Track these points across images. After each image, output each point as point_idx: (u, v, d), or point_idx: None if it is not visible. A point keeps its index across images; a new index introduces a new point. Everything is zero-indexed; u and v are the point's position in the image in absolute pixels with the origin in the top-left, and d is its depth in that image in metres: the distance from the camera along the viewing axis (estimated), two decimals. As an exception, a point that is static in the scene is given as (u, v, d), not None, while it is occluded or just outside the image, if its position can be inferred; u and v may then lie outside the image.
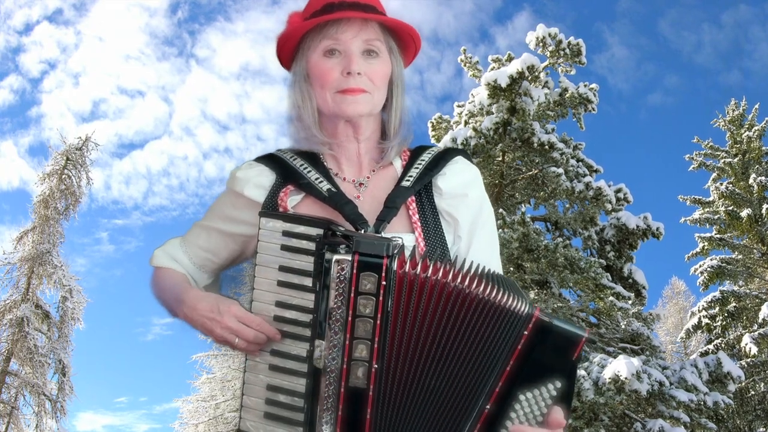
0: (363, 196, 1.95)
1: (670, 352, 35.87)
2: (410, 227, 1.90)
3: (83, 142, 24.86)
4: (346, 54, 1.90)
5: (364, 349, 1.54)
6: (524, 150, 17.38)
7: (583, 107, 18.18)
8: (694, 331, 22.67)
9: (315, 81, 1.93)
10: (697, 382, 14.55)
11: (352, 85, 1.89)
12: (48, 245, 22.86)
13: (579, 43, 17.61)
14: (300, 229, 1.64)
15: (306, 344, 1.62)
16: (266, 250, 1.66)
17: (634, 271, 18.11)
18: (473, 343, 1.59)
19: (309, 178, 1.91)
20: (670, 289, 41.72)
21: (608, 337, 17.05)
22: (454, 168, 2.02)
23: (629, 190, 18.03)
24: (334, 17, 1.88)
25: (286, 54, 2.02)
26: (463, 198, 1.99)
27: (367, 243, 1.55)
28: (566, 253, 15.82)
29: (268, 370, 1.66)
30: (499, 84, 16.76)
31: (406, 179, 1.94)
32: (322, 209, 1.87)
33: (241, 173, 1.99)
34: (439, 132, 19.94)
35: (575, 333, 1.57)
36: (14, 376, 21.82)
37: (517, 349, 1.57)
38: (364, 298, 1.54)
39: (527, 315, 1.57)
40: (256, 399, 1.66)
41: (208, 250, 2.06)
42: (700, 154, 25.28)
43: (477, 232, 2.00)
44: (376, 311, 1.54)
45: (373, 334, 1.54)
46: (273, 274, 1.66)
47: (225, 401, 24.07)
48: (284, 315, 1.65)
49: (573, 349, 1.57)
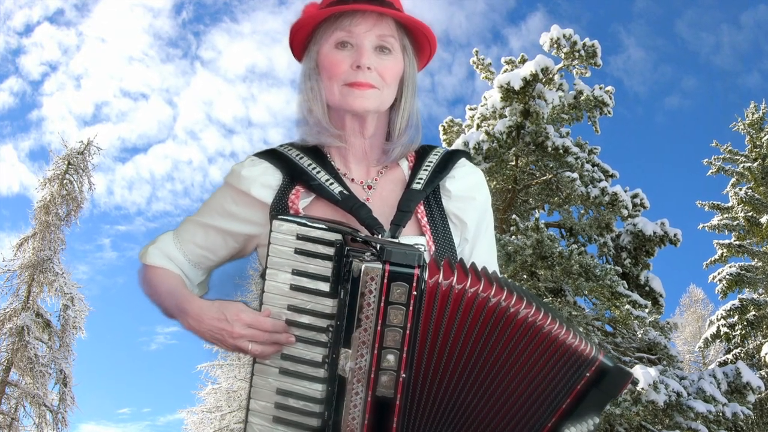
0: (372, 199, 1.97)
1: (688, 361, 35.74)
2: (419, 230, 1.92)
3: (85, 146, 24.83)
4: (358, 47, 1.90)
5: (392, 359, 1.56)
6: (538, 154, 17.41)
7: (598, 110, 18.18)
8: (713, 340, 22.66)
9: (324, 72, 1.94)
10: (715, 392, 14.58)
11: (360, 79, 1.89)
12: (49, 252, 22.82)
13: (594, 44, 17.61)
14: (316, 233, 1.66)
15: (321, 349, 1.64)
16: (279, 253, 1.67)
17: (651, 279, 18.11)
18: (529, 374, 1.65)
19: (319, 179, 1.92)
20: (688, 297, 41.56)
21: (624, 346, 17.07)
22: (461, 171, 2.05)
23: (646, 196, 18.14)
24: (349, 8, 1.89)
25: (299, 43, 2.02)
26: (471, 201, 2.03)
27: (398, 253, 1.56)
28: (581, 260, 15.81)
29: (278, 374, 1.68)
30: (512, 86, 16.83)
31: (417, 182, 1.96)
32: (334, 212, 1.88)
33: (246, 171, 1.97)
34: (450, 136, 19.96)
35: (627, 374, 1.69)
36: (14, 386, 21.74)
37: (576, 389, 1.67)
38: (394, 308, 1.55)
39: (593, 358, 1.67)
40: (265, 403, 1.68)
41: (205, 248, 2.05)
42: (719, 158, 25.21)
43: (481, 236, 2.05)
44: (405, 321, 1.55)
45: (402, 344, 1.55)
46: (285, 277, 1.67)
47: (231, 412, 23.98)
48: (298, 319, 1.67)
49: (620, 389, 1.70)
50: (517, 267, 15.94)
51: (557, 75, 17.91)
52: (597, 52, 17.60)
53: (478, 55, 19.88)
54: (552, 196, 18.26)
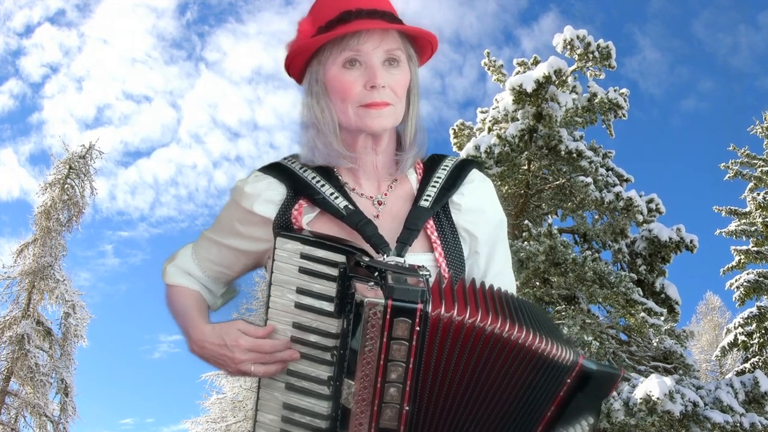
0: (382, 215, 1.97)
1: (705, 370, 35.69)
2: (429, 246, 1.93)
3: (87, 149, 24.97)
4: (368, 65, 1.88)
5: (395, 392, 1.58)
6: (551, 158, 17.47)
7: (612, 113, 18.24)
8: (730, 348, 22.69)
9: (335, 94, 1.91)
10: (732, 402, 14.61)
11: (376, 99, 1.88)
12: (50, 258, 22.92)
13: (608, 45, 17.71)
14: (320, 253, 1.69)
15: (326, 367, 1.67)
16: (283, 271, 1.71)
17: (667, 286, 18.15)
18: (513, 390, 1.67)
19: (323, 193, 1.91)
20: (705, 304, 41.53)
21: (639, 355, 17.11)
22: (470, 187, 2.05)
23: (661, 201, 18.12)
24: (354, 29, 1.86)
25: (299, 65, 2.00)
26: (481, 213, 2.04)
27: (401, 290, 1.57)
28: (595, 267, 15.89)
29: (284, 389, 1.72)
30: (524, 89, 16.91)
31: (424, 199, 1.96)
32: (339, 227, 1.88)
33: (249, 188, 1.97)
34: (461, 139, 20.01)
35: (613, 374, 1.74)
36: (14, 396, 21.84)
37: (558, 396, 1.70)
38: (396, 342, 1.56)
39: (572, 364, 1.69)
40: (272, 416, 1.72)
41: (220, 264, 2.08)
42: (736, 162, 25.19)
43: (497, 248, 2.07)
44: (408, 355, 1.57)
45: (405, 378, 1.57)
46: (290, 295, 1.70)
47: (236, 422, 24.02)
48: (303, 337, 1.70)
49: (609, 390, 1.77)
50: (529, 274, 16.00)
51: (571, 77, 17.98)
52: (611, 54, 17.70)
53: (490, 56, 19.97)
54: (565, 201, 18.32)
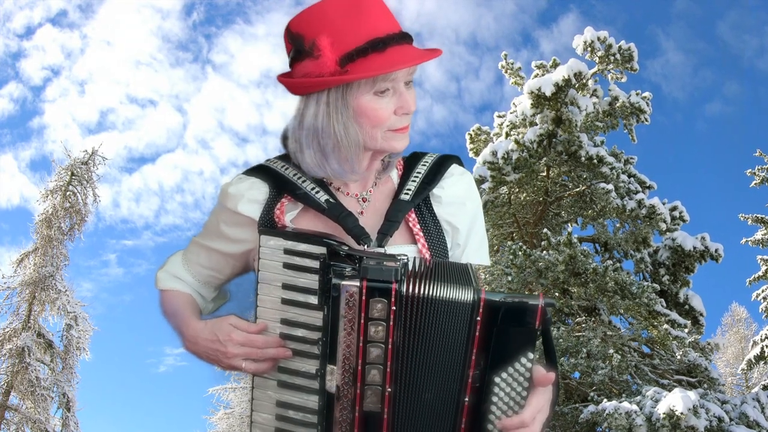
0: (366, 211, 2.07)
1: (730, 384, 35.66)
2: (411, 238, 2.04)
3: (89, 155, 25.13)
4: (398, 92, 1.94)
5: (377, 374, 1.65)
6: (571, 164, 17.55)
7: (635, 117, 18.33)
8: (757, 362, 22.70)
9: (366, 120, 1.94)
10: (759, 417, 14.63)
11: (405, 124, 1.97)
12: (51, 268, 23.04)
13: (630, 47, 17.77)
14: (302, 247, 1.77)
15: (315, 361, 1.75)
16: (268, 268, 1.79)
17: (691, 297, 18.19)
18: (436, 346, 1.70)
19: (304, 188, 2.01)
20: (730, 316, 41.58)
21: (663, 368, 17.12)
22: (450, 180, 2.15)
23: (685, 209, 18.20)
24: (396, 66, 1.88)
25: (317, 89, 1.98)
26: (461, 206, 2.15)
27: (374, 269, 1.64)
28: (617, 277, 15.93)
29: (277, 386, 1.81)
30: (543, 92, 17.00)
31: (405, 192, 2.06)
32: (322, 223, 1.98)
33: (233, 188, 2.06)
34: (477, 145, 20.10)
35: (529, 303, 1.66)
36: (14, 411, 21.92)
37: (475, 336, 1.69)
38: (374, 324, 1.64)
39: (474, 301, 1.68)
40: (266, 415, 1.81)
41: (210, 269, 2.18)
42: (763, 168, 25.22)
43: (470, 240, 2.17)
44: (387, 336, 1.64)
45: (385, 358, 1.65)
46: (277, 291, 1.79)
47: (244, 438, 24.13)
48: (291, 333, 1.79)
49: (533, 319, 1.67)
50: (548, 284, 16.06)
51: (591, 80, 18.04)
52: (633, 56, 17.74)
53: (507, 59, 20.06)
54: (585, 209, 18.37)
